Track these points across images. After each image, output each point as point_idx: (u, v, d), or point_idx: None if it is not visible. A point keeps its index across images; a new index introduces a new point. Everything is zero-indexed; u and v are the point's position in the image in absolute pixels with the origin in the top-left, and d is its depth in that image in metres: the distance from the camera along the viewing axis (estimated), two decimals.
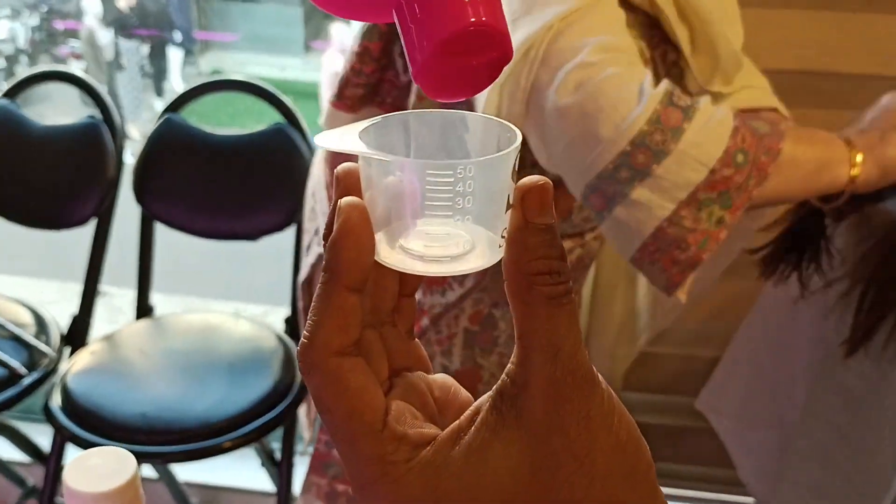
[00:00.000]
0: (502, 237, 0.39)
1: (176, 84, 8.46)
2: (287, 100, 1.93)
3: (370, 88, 1.25)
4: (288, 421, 1.74)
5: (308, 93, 5.75)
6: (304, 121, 1.92)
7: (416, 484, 0.38)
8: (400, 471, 0.38)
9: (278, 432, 1.74)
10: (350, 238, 0.38)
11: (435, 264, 0.40)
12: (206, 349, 1.83)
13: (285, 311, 1.99)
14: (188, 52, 8.99)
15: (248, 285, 4.17)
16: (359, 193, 0.40)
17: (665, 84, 0.97)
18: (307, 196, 1.45)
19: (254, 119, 2.00)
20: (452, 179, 0.38)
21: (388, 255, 0.40)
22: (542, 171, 1.04)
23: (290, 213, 1.89)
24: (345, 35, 5.84)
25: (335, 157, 1.31)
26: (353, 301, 0.38)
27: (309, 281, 1.42)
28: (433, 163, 0.38)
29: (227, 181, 1.96)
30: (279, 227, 1.93)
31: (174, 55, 8.72)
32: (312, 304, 0.39)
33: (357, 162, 0.40)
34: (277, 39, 9.08)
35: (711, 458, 1.65)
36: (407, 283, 0.44)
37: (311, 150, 1.88)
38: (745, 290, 1.52)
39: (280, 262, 2.02)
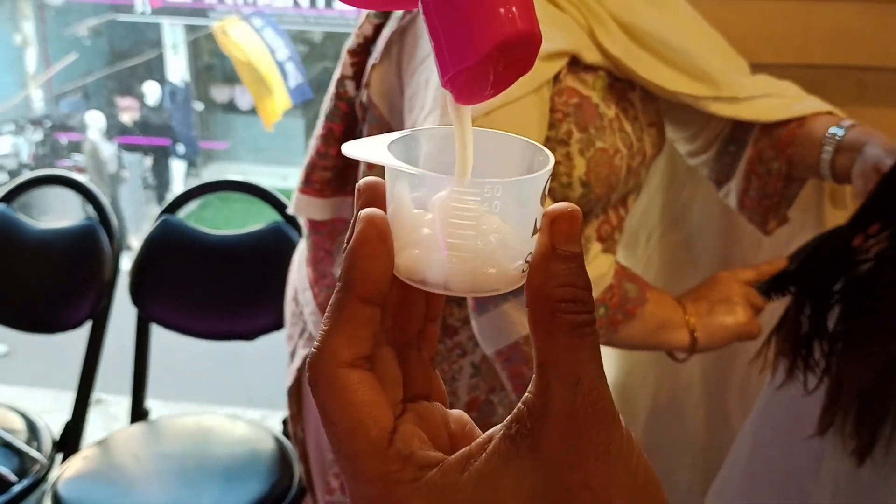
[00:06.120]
0: (526, 262, 0.38)
1: None
2: (283, 198, 1.93)
3: (338, 172, 1.23)
4: None
5: None
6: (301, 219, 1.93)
7: None
8: (404, 491, 0.36)
9: None
10: (365, 247, 0.37)
11: (459, 283, 0.38)
12: (201, 453, 1.79)
13: (284, 414, 1.95)
14: (191, 164, 9.12)
15: (246, 390, 4.13)
16: (381, 206, 0.39)
17: None
18: (287, 300, 1.42)
19: (253, 222, 2.01)
20: (479, 199, 0.37)
21: (410, 270, 0.39)
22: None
23: None
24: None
25: (316, 257, 1.29)
26: (366, 313, 0.37)
27: (296, 387, 1.39)
28: (459, 180, 0.38)
29: (225, 281, 1.96)
30: (277, 327, 1.91)
31: (177, 166, 8.86)
32: (325, 313, 0.38)
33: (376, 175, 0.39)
34: (279, 150, 9.24)
35: None
36: (432, 305, 0.43)
37: None
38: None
39: (278, 364, 1.99)
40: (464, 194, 0.37)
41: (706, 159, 1.32)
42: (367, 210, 0.38)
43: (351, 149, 0.39)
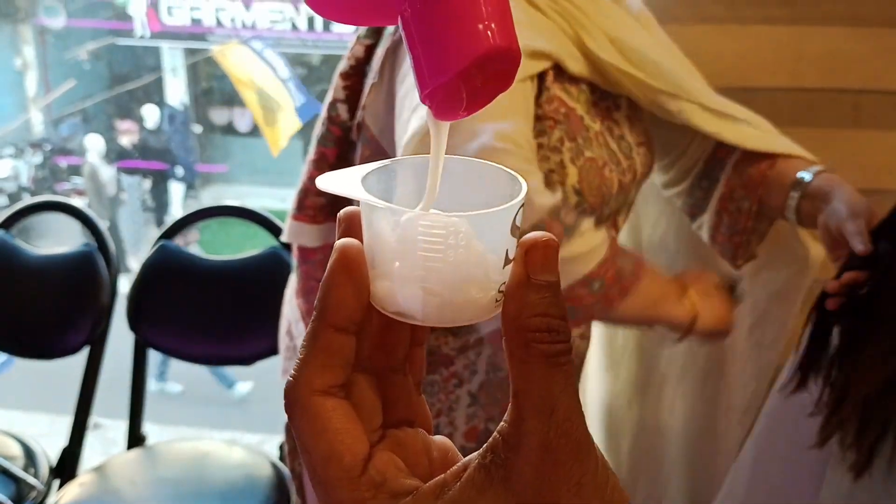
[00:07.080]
0: (500, 292, 0.38)
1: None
2: (280, 222, 1.93)
3: (331, 198, 1.22)
4: None
5: None
6: None
7: None
8: None
9: None
10: (338, 276, 0.38)
11: (432, 315, 0.39)
12: (199, 478, 1.78)
13: (281, 439, 1.95)
14: (189, 186, 9.12)
15: (244, 414, 4.11)
16: (358, 236, 0.39)
17: (557, 197, 1.03)
18: (281, 335, 1.41)
19: (250, 246, 2.01)
20: (444, 232, 0.37)
21: (385, 301, 0.39)
22: None
23: None
24: None
25: (307, 287, 1.29)
26: (341, 341, 0.38)
27: None
28: (425, 214, 0.38)
29: (222, 306, 1.95)
30: (274, 351, 1.91)
31: (175, 189, 8.85)
32: (302, 342, 0.38)
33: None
34: (277, 172, 9.23)
35: None
36: (418, 330, 0.43)
37: None
38: None
39: (275, 388, 1.99)
40: (432, 227, 0.37)
41: (680, 191, 1.33)
42: (341, 240, 0.38)
43: (324, 181, 0.40)
